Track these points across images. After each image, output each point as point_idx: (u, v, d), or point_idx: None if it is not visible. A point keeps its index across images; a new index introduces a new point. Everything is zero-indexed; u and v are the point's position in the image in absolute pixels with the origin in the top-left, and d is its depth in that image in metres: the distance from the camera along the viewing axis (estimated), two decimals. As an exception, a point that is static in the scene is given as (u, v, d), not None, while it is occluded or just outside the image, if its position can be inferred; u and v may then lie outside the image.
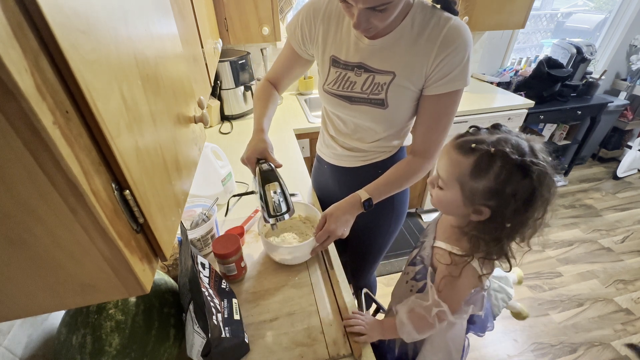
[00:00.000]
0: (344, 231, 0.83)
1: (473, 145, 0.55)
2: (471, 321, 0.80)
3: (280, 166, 0.80)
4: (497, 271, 1.00)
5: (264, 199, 0.73)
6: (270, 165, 0.78)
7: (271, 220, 0.74)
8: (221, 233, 0.98)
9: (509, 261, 0.60)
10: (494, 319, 0.88)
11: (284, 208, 0.74)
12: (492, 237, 0.58)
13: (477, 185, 0.55)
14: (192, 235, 0.88)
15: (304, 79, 2.13)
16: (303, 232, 0.96)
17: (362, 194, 0.83)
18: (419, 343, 0.78)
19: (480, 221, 0.59)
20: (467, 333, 0.81)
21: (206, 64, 1.04)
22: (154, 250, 0.38)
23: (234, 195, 0.98)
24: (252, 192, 0.90)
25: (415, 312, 0.66)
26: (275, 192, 0.73)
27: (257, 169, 0.77)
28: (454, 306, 0.64)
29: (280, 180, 0.75)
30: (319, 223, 0.85)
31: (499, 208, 0.55)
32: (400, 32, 0.74)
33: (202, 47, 1.00)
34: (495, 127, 0.59)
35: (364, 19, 0.65)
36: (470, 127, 0.62)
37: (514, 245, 0.60)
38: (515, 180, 0.52)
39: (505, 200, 0.54)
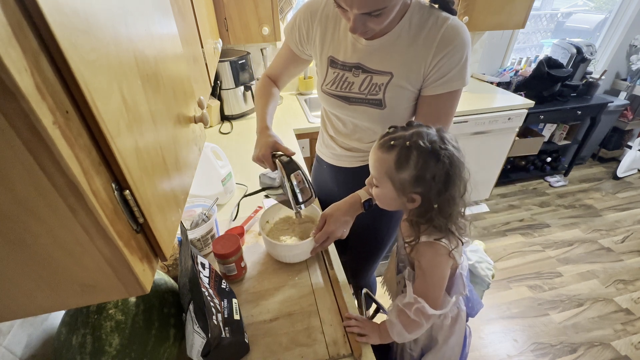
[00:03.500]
0: (344, 232, 0.83)
1: (392, 142, 0.62)
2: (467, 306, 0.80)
3: (293, 154, 0.81)
4: (470, 247, 1.01)
5: (291, 188, 0.78)
6: (287, 156, 0.81)
7: (301, 207, 0.80)
8: (221, 233, 0.98)
9: (456, 236, 0.66)
10: (488, 287, 0.90)
11: (308, 194, 0.80)
12: (426, 219, 0.65)
13: (403, 176, 0.62)
14: (192, 235, 0.88)
15: (304, 78, 2.13)
16: (304, 231, 0.96)
17: (362, 194, 0.83)
18: (425, 347, 0.78)
19: (416, 207, 0.65)
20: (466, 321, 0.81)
21: (206, 64, 1.04)
22: (154, 250, 0.38)
23: (245, 196, 0.99)
24: (265, 189, 0.91)
25: (401, 310, 0.68)
26: (300, 180, 0.79)
27: (278, 162, 0.80)
28: (434, 295, 0.66)
29: (301, 168, 0.80)
30: (318, 224, 0.85)
31: (425, 193, 0.62)
32: (398, 32, 0.74)
33: (202, 47, 1.00)
34: (409, 124, 0.66)
35: (360, 23, 0.65)
36: (390, 127, 0.67)
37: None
38: (431, 166, 0.59)
39: (428, 184, 0.61)
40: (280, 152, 0.81)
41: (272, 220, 0.99)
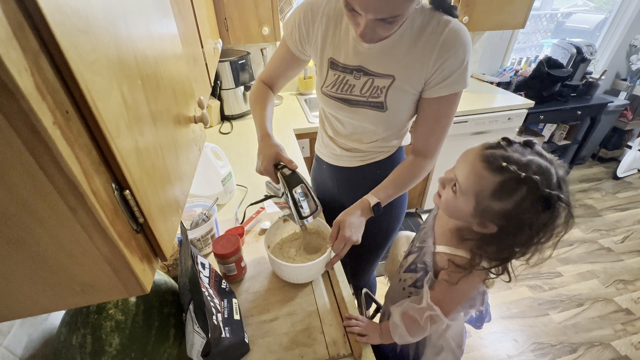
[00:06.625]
0: (358, 237, 0.79)
1: (504, 164, 0.52)
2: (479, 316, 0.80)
3: (296, 167, 0.78)
4: None
5: (293, 202, 0.74)
6: (290, 169, 0.77)
7: (304, 221, 0.76)
8: (221, 233, 0.98)
9: (509, 275, 0.61)
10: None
11: (312, 207, 0.77)
12: (498, 258, 0.57)
13: (494, 205, 0.54)
14: (192, 235, 0.88)
15: (304, 79, 2.13)
16: (312, 247, 0.91)
17: (371, 198, 0.81)
18: (420, 345, 0.78)
19: (484, 233, 0.58)
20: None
21: (206, 64, 1.04)
22: (154, 250, 0.38)
23: (251, 204, 0.96)
24: (270, 197, 0.87)
25: (409, 314, 0.67)
26: (302, 194, 0.75)
27: (280, 175, 0.76)
28: (450, 307, 0.65)
29: (304, 181, 0.76)
30: (332, 232, 0.80)
31: (508, 229, 0.54)
32: (400, 35, 0.74)
33: (202, 47, 1.00)
34: (528, 144, 0.55)
35: (370, 29, 0.64)
36: (503, 138, 0.57)
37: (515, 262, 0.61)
38: (535, 211, 0.51)
39: (519, 226, 0.53)
40: (283, 163, 0.78)
41: (275, 240, 0.93)
